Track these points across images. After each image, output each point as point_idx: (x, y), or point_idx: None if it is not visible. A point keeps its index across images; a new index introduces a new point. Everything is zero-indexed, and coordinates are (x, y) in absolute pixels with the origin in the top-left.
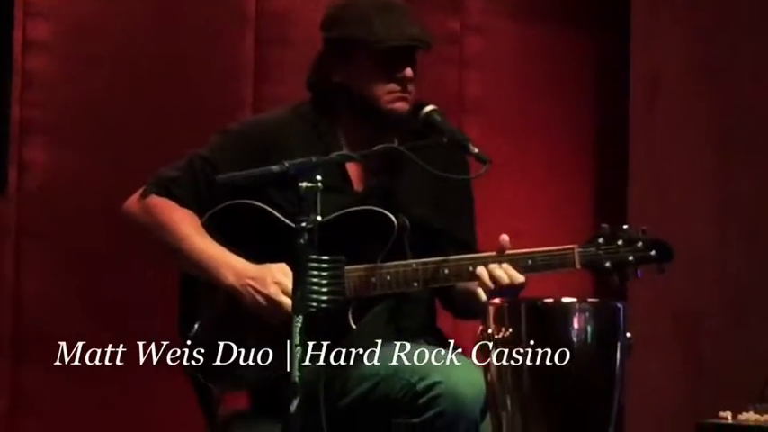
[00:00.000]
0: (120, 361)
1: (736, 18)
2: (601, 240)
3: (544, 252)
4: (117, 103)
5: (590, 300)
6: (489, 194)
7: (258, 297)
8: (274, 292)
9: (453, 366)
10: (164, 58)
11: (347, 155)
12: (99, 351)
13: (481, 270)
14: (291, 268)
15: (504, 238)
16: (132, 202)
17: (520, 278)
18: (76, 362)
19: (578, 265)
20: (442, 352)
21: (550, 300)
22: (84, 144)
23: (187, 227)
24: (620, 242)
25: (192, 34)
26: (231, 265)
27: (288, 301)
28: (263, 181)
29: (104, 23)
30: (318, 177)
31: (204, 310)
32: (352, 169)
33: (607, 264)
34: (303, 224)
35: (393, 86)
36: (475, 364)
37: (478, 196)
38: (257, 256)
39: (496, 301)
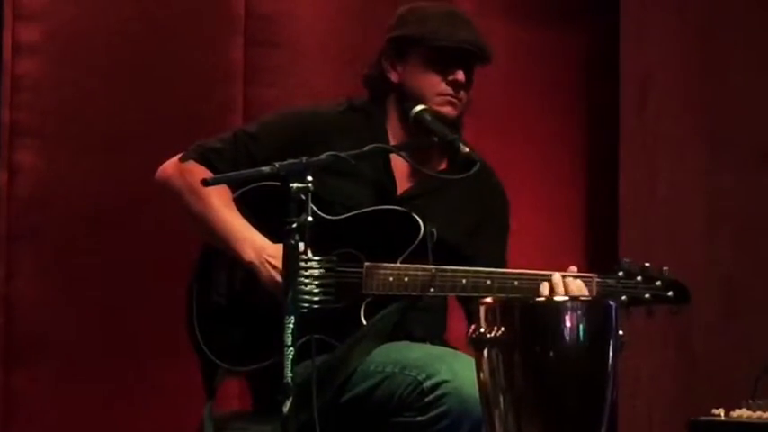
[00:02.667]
0: (113, 364)
1: (726, 18)
2: (621, 273)
3: (566, 276)
4: (107, 107)
5: (582, 298)
6: None
7: (274, 273)
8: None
9: (460, 365)
10: (153, 60)
11: (338, 155)
12: (91, 354)
13: (557, 279)
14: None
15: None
16: (169, 164)
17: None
18: (68, 366)
19: (594, 294)
20: (449, 350)
21: (543, 298)
22: (75, 147)
23: (217, 198)
24: (639, 278)
25: (182, 37)
26: (253, 241)
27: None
28: (253, 181)
29: (94, 27)
30: (309, 178)
31: (220, 286)
32: (398, 171)
33: (623, 297)
34: (293, 225)
35: (444, 88)
36: None
37: None
38: (281, 240)
39: (488, 299)
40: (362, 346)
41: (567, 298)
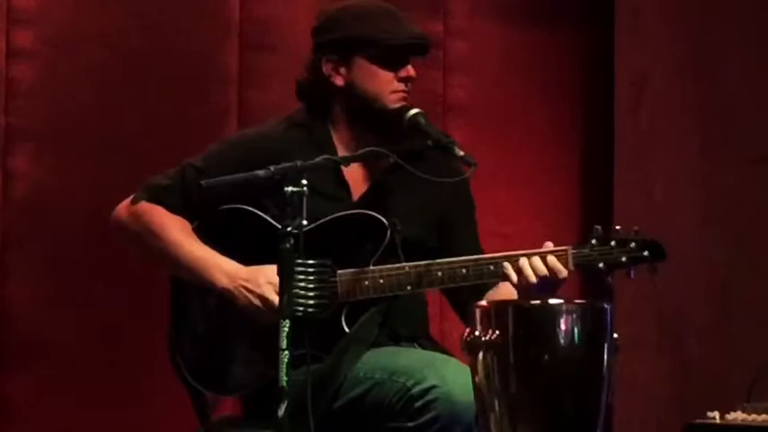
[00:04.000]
0: (107, 368)
1: (721, 18)
2: (594, 242)
3: (537, 253)
4: (102, 111)
5: (577, 301)
6: (475, 198)
7: (251, 297)
8: (267, 291)
9: (449, 370)
10: (148, 64)
11: (332, 158)
12: (85, 359)
13: (524, 262)
14: None
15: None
16: (121, 208)
17: (564, 272)
18: (62, 369)
19: (571, 266)
20: (438, 356)
21: (537, 301)
22: (70, 152)
23: (178, 232)
24: (612, 243)
25: (177, 41)
26: (223, 268)
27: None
28: (249, 186)
29: (89, 31)
30: (304, 182)
31: (196, 315)
32: (351, 177)
33: (600, 265)
34: (288, 228)
35: (396, 85)
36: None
37: None
38: (250, 262)
39: (483, 303)
40: (350, 353)
41: (561, 301)
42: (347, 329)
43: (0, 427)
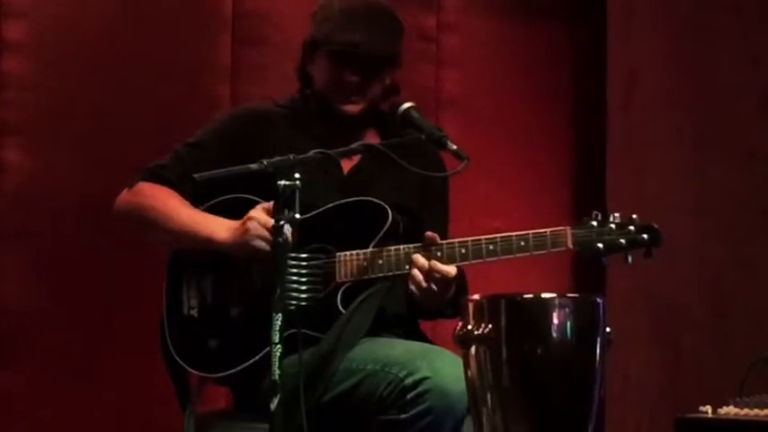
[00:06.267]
0: (101, 362)
1: (714, 13)
2: (594, 223)
3: (536, 233)
4: (94, 104)
5: (569, 295)
6: (466, 192)
7: (246, 235)
8: (253, 226)
9: (442, 362)
10: (141, 58)
11: (325, 152)
12: (78, 353)
13: (423, 263)
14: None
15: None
16: (121, 195)
17: (452, 271)
18: (55, 363)
19: (570, 245)
20: (431, 347)
21: (530, 295)
22: (62, 145)
23: (175, 201)
24: (612, 226)
25: (169, 34)
26: (221, 223)
27: (263, 231)
28: (242, 178)
29: (81, 24)
30: (297, 175)
31: (189, 296)
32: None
33: (599, 245)
34: (281, 222)
35: (342, 88)
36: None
37: (454, 194)
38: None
39: (476, 296)
40: (345, 340)
41: (554, 295)
42: (342, 310)
43: None
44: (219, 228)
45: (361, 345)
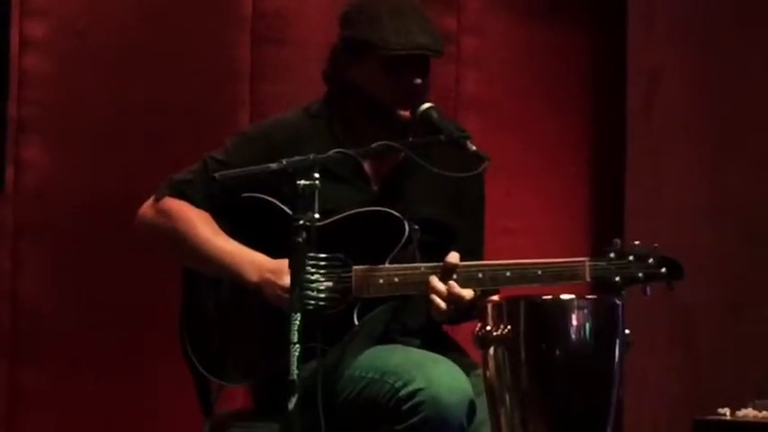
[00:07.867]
0: (119, 359)
1: (734, 18)
2: (612, 255)
3: (554, 263)
4: (114, 103)
5: (588, 297)
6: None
7: (276, 289)
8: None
9: (438, 372)
10: (160, 57)
11: (346, 151)
12: (97, 350)
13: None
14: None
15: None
16: (146, 207)
17: (468, 295)
18: (74, 360)
19: (588, 278)
20: (431, 355)
21: (549, 297)
22: (81, 143)
23: (205, 228)
24: (630, 258)
25: (189, 34)
26: (253, 262)
27: None
28: (262, 178)
29: (101, 23)
30: (316, 175)
31: (208, 305)
32: (369, 167)
33: (617, 278)
34: (301, 222)
35: (400, 94)
36: (460, 369)
37: None
38: (267, 250)
39: (495, 298)
40: (352, 347)
41: (573, 296)
42: (357, 323)
43: (12, 418)
44: (250, 268)
45: (367, 351)
